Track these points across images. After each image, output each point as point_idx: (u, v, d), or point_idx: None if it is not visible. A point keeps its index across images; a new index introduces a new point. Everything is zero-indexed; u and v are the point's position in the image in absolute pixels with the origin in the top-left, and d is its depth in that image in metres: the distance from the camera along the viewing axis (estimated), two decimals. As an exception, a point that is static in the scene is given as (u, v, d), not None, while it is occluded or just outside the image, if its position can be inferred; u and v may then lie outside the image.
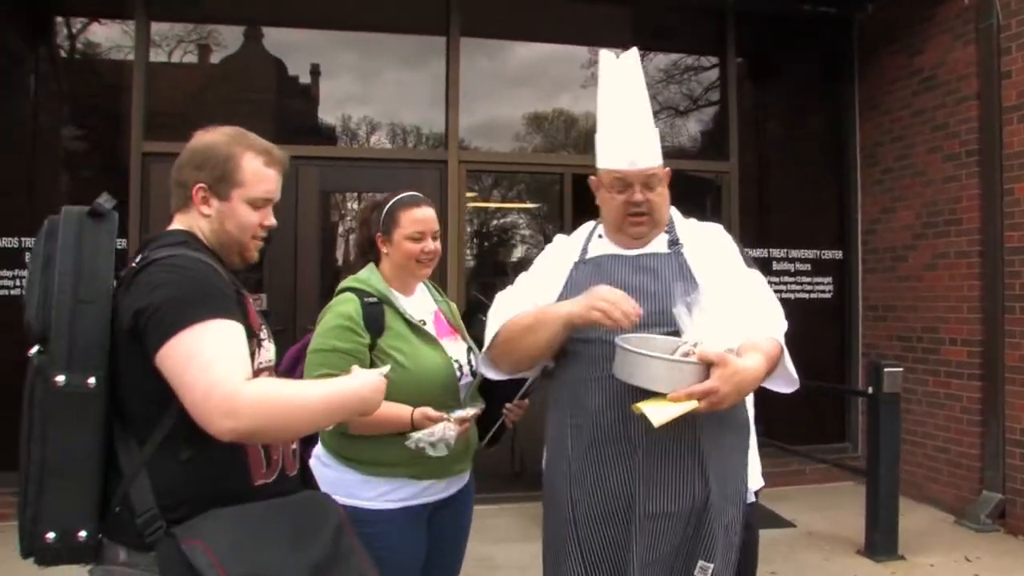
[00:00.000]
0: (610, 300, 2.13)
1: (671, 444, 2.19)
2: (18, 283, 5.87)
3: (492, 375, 2.48)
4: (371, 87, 6.83)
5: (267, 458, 1.91)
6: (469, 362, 2.73)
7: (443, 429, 2.47)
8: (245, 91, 6.65)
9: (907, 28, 6.51)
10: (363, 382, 1.95)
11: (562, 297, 2.37)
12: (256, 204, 2.02)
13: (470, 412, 2.57)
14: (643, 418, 2.03)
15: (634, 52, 2.40)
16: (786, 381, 2.32)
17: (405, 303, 2.70)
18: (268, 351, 2.05)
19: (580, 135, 7.28)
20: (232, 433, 1.68)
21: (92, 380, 1.78)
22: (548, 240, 7.44)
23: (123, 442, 1.83)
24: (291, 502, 1.90)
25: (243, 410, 1.68)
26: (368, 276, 2.71)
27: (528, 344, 2.30)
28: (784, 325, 2.34)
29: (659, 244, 2.43)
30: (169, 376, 1.74)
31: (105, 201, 1.89)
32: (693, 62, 7.28)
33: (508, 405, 2.74)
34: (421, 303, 2.79)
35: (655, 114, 2.54)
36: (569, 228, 6.46)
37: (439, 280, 6.33)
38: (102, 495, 1.81)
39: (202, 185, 1.97)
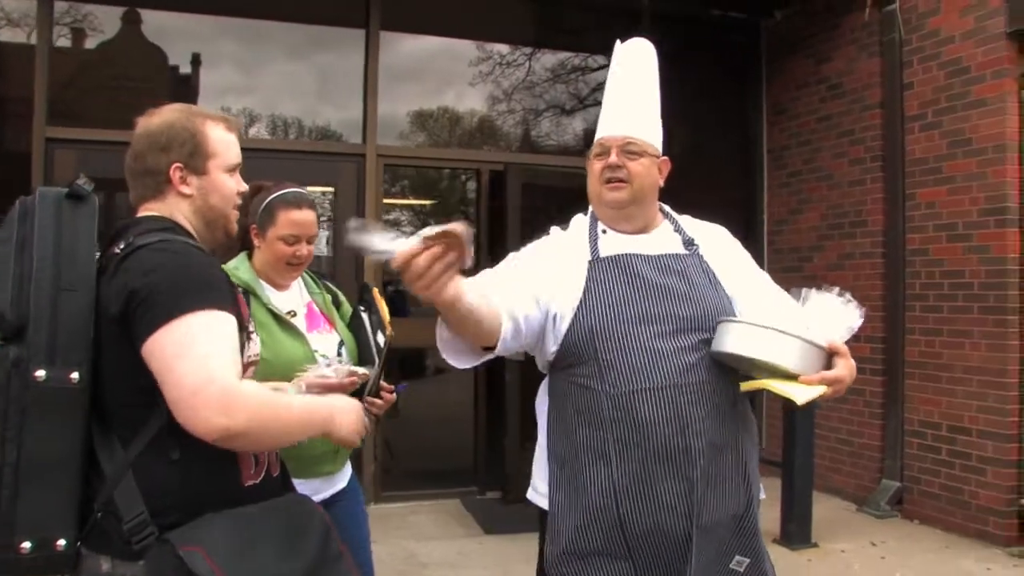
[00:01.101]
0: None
1: (724, 451, 2.16)
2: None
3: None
4: (283, 78, 6.62)
5: (255, 458, 1.83)
6: (339, 354, 2.70)
7: (323, 367, 2.36)
8: (129, 78, 6.35)
9: (813, 37, 6.78)
10: (341, 406, 1.92)
11: (587, 296, 2.20)
12: (231, 171, 1.97)
13: (360, 370, 2.44)
14: (778, 396, 2.06)
15: (642, 41, 2.44)
16: None
17: (273, 295, 2.67)
18: (256, 344, 1.99)
19: (487, 131, 7.32)
20: (222, 431, 1.60)
21: (75, 375, 1.67)
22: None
23: (104, 442, 1.72)
24: (281, 505, 1.83)
25: (240, 409, 1.61)
26: (236, 267, 2.66)
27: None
28: None
29: (674, 243, 2.34)
30: (156, 365, 1.64)
31: (84, 183, 1.79)
32: (607, 61, 7.38)
33: (367, 398, 2.64)
34: (294, 296, 2.76)
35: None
36: (484, 223, 6.59)
37: (356, 274, 6.28)
38: (82, 500, 1.70)
39: (178, 164, 1.88)
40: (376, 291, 2.82)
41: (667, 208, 2.45)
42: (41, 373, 1.64)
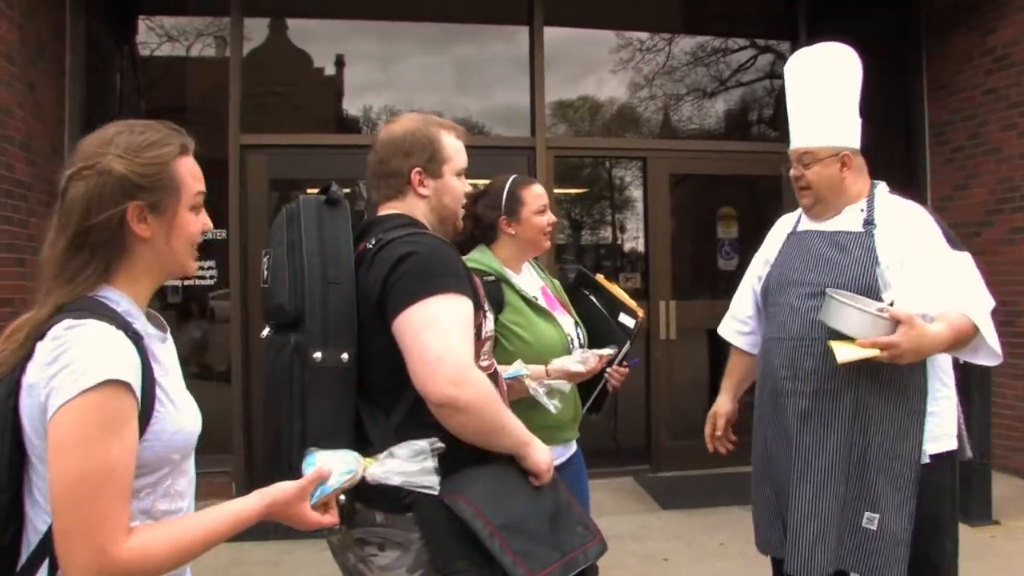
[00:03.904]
0: None
1: (837, 397, 2.54)
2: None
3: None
4: (452, 74, 7.05)
5: None
6: (578, 335, 2.85)
7: (576, 356, 2.67)
8: (280, 83, 6.86)
9: (977, 9, 6.61)
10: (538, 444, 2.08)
11: (774, 262, 2.81)
12: (460, 174, 2.18)
13: (605, 352, 2.71)
14: (830, 352, 2.41)
15: (816, 48, 2.85)
16: (987, 355, 2.53)
17: (517, 280, 2.80)
18: (490, 321, 2.22)
19: (653, 120, 7.49)
20: (450, 400, 1.81)
21: (345, 356, 1.90)
22: (618, 226, 7.63)
23: (369, 413, 1.95)
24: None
25: (469, 385, 1.82)
26: (482, 256, 2.80)
27: None
28: (986, 304, 2.50)
29: (853, 222, 2.67)
30: (405, 335, 1.85)
31: (337, 190, 2.05)
32: (766, 45, 7.46)
33: (609, 369, 2.86)
34: (527, 281, 2.88)
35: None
36: (650, 213, 6.77)
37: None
38: None
39: (419, 168, 2.11)
40: (601, 276, 3.04)
41: (879, 188, 2.77)
42: (318, 355, 1.89)
